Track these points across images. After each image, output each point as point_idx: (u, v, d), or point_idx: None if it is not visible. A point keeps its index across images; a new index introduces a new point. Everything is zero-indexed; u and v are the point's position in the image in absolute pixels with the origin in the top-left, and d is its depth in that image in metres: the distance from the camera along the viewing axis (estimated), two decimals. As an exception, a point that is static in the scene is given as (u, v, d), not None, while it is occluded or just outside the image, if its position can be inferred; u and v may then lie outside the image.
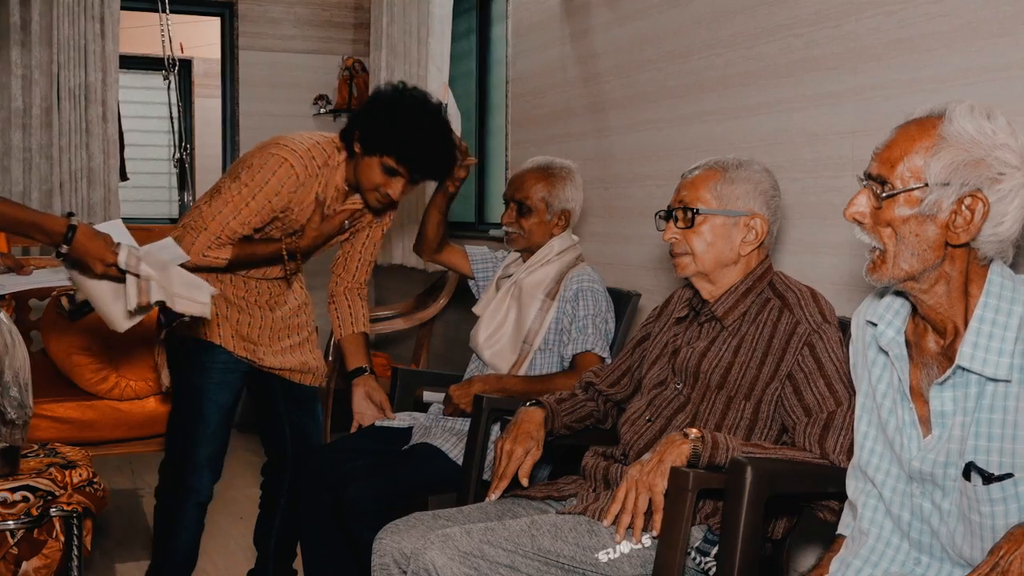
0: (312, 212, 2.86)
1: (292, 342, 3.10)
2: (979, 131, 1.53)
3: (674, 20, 3.21)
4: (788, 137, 2.71)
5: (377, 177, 2.76)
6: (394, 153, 2.72)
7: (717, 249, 2.21)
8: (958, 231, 1.54)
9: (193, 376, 2.94)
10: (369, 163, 2.75)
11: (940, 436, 1.58)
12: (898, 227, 1.57)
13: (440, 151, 2.79)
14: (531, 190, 3.00)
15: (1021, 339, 1.51)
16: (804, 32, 2.65)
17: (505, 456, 2.29)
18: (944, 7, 2.23)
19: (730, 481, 1.85)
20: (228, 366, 2.96)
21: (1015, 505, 1.49)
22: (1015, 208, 1.53)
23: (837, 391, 2.01)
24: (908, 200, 1.56)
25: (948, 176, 1.53)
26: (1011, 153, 1.52)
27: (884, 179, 1.58)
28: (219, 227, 2.76)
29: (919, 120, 1.59)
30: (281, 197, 2.76)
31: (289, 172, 2.74)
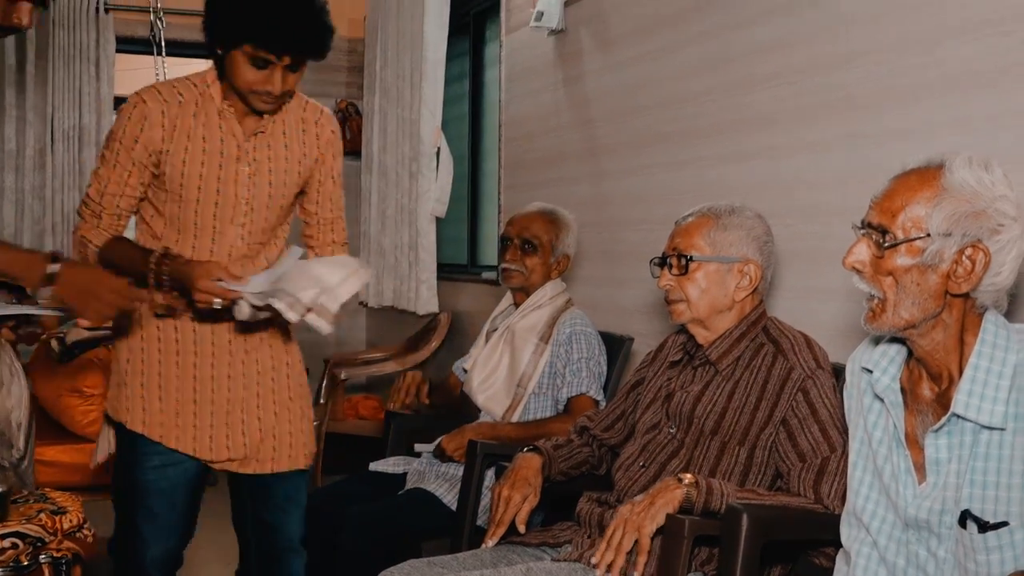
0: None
1: (257, 415, 2.44)
2: (979, 182, 1.55)
3: (667, 67, 3.24)
4: (780, 183, 2.74)
5: (249, 74, 2.23)
6: (252, 37, 2.19)
7: (712, 295, 2.22)
8: (959, 281, 1.55)
9: (126, 474, 2.39)
10: (234, 62, 2.23)
11: (935, 483, 1.58)
12: (900, 276, 1.59)
13: (303, 14, 2.22)
14: (539, 230, 3.04)
15: (1015, 387, 1.52)
16: (796, 80, 2.68)
17: (503, 502, 2.29)
18: (932, 58, 2.26)
19: (726, 528, 1.85)
20: (167, 459, 2.36)
21: (1011, 553, 1.49)
22: (1012, 259, 1.55)
23: (831, 437, 2.02)
24: (910, 250, 1.58)
25: (950, 227, 1.54)
26: (1009, 204, 1.55)
27: (885, 229, 1.59)
28: (87, 195, 2.35)
29: (918, 170, 1.61)
30: (135, 136, 2.28)
31: (139, 105, 2.29)
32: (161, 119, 2.29)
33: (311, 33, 2.24)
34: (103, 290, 2.04)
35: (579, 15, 3.77)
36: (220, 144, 2.33)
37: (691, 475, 1.99)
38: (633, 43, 3.44)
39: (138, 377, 2.37)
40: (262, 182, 2.38)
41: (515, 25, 4.32)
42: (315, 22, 2.24)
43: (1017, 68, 2.07)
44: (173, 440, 2.35)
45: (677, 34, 3.19)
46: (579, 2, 3.77)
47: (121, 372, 2.38)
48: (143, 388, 2.36)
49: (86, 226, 2.35)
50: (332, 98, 6.17)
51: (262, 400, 2.44)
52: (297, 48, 2.23)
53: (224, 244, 2.37)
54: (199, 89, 2.33)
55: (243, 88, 2.26)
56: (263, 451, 2.43)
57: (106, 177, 2.33)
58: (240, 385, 2.41)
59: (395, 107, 5.13)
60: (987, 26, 2.13)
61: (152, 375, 2.36)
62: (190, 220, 2.35)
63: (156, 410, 2.35)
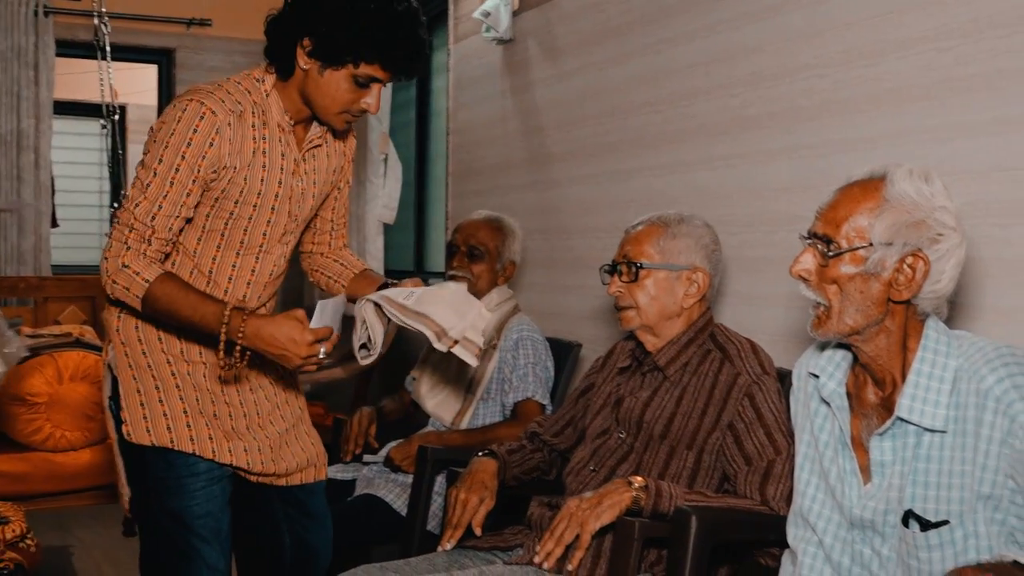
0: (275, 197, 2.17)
1: (284, 426, 2.33)
2: (919, 194, 1.61)
3: (614, 77, 3.29)
4: (725, 193, 2.79)
5: (347, 94, 2.09)
6: (376, 57, 2.05)
7: (661, 302, 2.26)
8: (900, 288, 1.61)
9: (170, 500, 2.15)
10: (332, 79, 2.07)
11: (880, 484, 1.64)
12: (843, 284, 1.64)
13: (419, 35, 2.09)
14: (485, 237, 3.07)
15: (956, 392, 1.58)
16: (740, 92, 2.74)
17: (460, 505, 2.30)
18: (874, 72, 2.33)
19: (675, 530, 1.89)
20: (212, 476, 2.18)
21: (951, 551, 1.54)
22: (951, 267, 1.61)
23: (776, 440, 2.07)
24: (853, 259, 1.63)
25: (891, 236, 1.60)
26: (948, 215, 1.61)
27: (830, 238, 1.64)
28: (133, 217, 2.04)
29: (862, 182, 1.66)
30: (203, 152, 2.04)
31: (207, 116, 2.04)
32: (229, 132, 2.06)
33: (424, 53, 2.14)
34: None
35: (527, 25, 3.81)
36: (281, 159, 2.16)
37: (641, 478, 2.03)
38: (580, 54, 3.49)
39: (174, 392, 2.15)
40: (308, 196, 2.26)
41: (463, 34, 4.35)
42: (425, 43, 2.13)
43: (953, 83, 2.14)
44: (226, 454, 2.17)
45: (623, 46, 3.25)
46: (527, 12, 3.81)
47: (149, 391, 2.15)
48: (183, 401, 2.15)
49: (130, 254, 2.03)
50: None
51: (284, 411, 2.35)
52: (415, 69, 2.14)
53: (268, 263, 2.24)
54: (253, 97, 2.13)
55: (333, 106, 2.11)
56: (304, 462, 2.35)
57: (159, 195, 2.04)
58: (262, 397, 2.30)
59: (341, 114, 5.12)
60: (924, 42, 2.20)
61: (188, 388, 2.17)
62: (237, 238, 2.17)
63: (202, 425, 2.15)
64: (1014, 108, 2.02)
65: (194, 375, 2.18)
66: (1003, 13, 2.04)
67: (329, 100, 2.10)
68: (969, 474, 1.54)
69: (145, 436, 2.13)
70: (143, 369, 2.16)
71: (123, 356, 2.17)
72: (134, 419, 2.14)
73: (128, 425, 2.14)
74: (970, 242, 2.05)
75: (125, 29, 5.76)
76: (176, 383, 2.16)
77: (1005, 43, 2.04)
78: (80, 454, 4.05)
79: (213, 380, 2.20)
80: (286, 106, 2.16)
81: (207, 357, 2.20)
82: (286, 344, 1.96)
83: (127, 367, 2.16)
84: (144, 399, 2.15)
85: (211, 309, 2.00)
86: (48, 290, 5.01)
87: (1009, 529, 1.54)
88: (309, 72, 2.09)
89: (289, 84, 2.14)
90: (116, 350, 2.18)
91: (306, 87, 2.12)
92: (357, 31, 2.02)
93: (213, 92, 2.07)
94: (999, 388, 1.53)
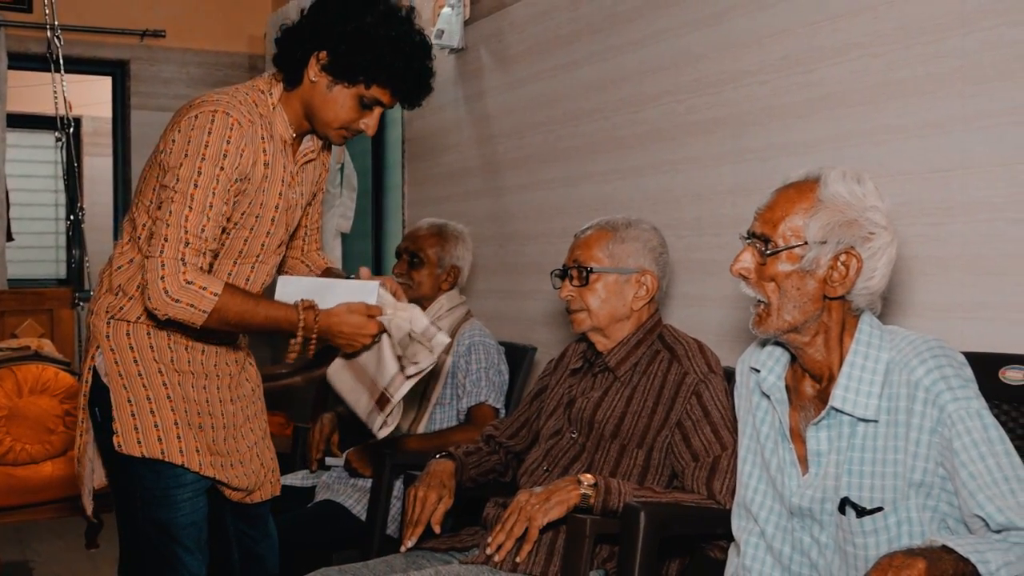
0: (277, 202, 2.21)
1: (253, 440, 2.35)
2: (851, 194, 1.68)
3: (564, 85, 3.35)
4: (673, 196, 2.86)
5: (350, 112, 2.13)
6: (388, 82, 2.10)
7: (611, 305, 2.32)
8: (835, 285, 1.68)
9: (157, 511, 2.15)
10: (339, 95, 2.11)
11: (817, 474, 1.70)
12: (781, 281, 1.70)
13: (428, 63, 2.17)
14: (425, 244, 3.12)
15: (888, 383, 1.65)
16: (685, 98, 2.81)
17: (419, 503, 2.32)
18: (812, 78, 2.40)
19: (624, 525, 1.94)
20: (197, 487, 2.19)
21: (885, 536, 1.61)
22: (883, 264, 1.68)
23: (723, 436, 2.13)
24: (790, 257, 1.69)
25: (825, 235, 1.67)
26: (879, 214, 1.67)
27: (768, 238, 1.71)
28: (184, 231, 2.01)
29: (797, 184, 1.73)
30: (236, 163, 2.05)
31: (236, 128, 2.05)
32: (252, 144, 2.09)
33: (430, 86, 2.20)
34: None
35: (479, 34, 3.86)
36: (283, 171, 2.19)
37: (591, 476, 2.08)
38: (530, 62, 3.54)
39: (166, 404, 2.15)
40: (298, 207, 2.31)
41: (416, 43, 4.39)
42: (433, 76, 2.20)
43: (885, 87, 2.22)
44: (210, 468, 2.18)
45: (571, 54, 3.31)
46: (479, 22, 3.86)
47: (141, 402, 2.14)
48: (174, 413, 2.15)
49: (190, 270, 2.00)
50: (232, 115, 6.13)
51: (254, 424, 2.37)
52: (421, 95, 2.20)
53: (263, 272, 2.28)
54: (260, 109, 2.14)
55: (332, 122, 2.15)
56: (262, 478, 2.36)
57: (205, 207, 2.02)
58: (239, 409, 2.33)
59: (297, 124, 5.14)
60: (857, 48, 2.28)
61: (178, 399, 2.17)
62: (236, 248, 2.19)
63: (190, 437, 2.16)
64: (943, 111, 2.10)
65: (183, 385, 2.19)
66: (931, 19, 2.12)
67: (332, 115, 2.14)
68: (901, 462, 1.61)
69: (136, 447, 2.11)
70: (134, 378, 2.15)
71: (113, 364, 2.15)
72: (125, 430, 2.13)
73: (119, 436, 2.13)
74: (904, 241, 2.14)
75: (79, 41, 5.74)
76: (167, 394, 2.16)
77: (933, 48, 2.12)
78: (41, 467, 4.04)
79: (200, 391, 2.22)
80: (289, 118, 2.18)
81: (195, 367, 2.22)
82: (356, 330, 2.17)
83: (117, 375, 2.15)
84: (135, 409, 2.13)
85: (282, 313, 2.12)
86: (5, 303, 4.99)
87: (941, 515, 1.61)
88: (317, 85, 2.12)
89: (293, 95, 2.17)
90: (106, 357, 2.16)
91: (311, 99, 2.14)
92: (375, 54, 2.06)
93: (233, 103, 2.08)
94: (928, 379, 1.60)
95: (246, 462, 2.30)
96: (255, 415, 2.38)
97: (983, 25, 2.03)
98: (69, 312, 5.12)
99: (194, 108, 2.07)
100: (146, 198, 2.15)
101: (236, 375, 2.33)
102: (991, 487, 1.52)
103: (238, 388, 2.34)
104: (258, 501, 2.36)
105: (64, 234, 7.13)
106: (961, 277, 2.08)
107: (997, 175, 2.01)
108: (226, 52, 6.16)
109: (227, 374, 2.30)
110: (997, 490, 1.51)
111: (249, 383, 2.39)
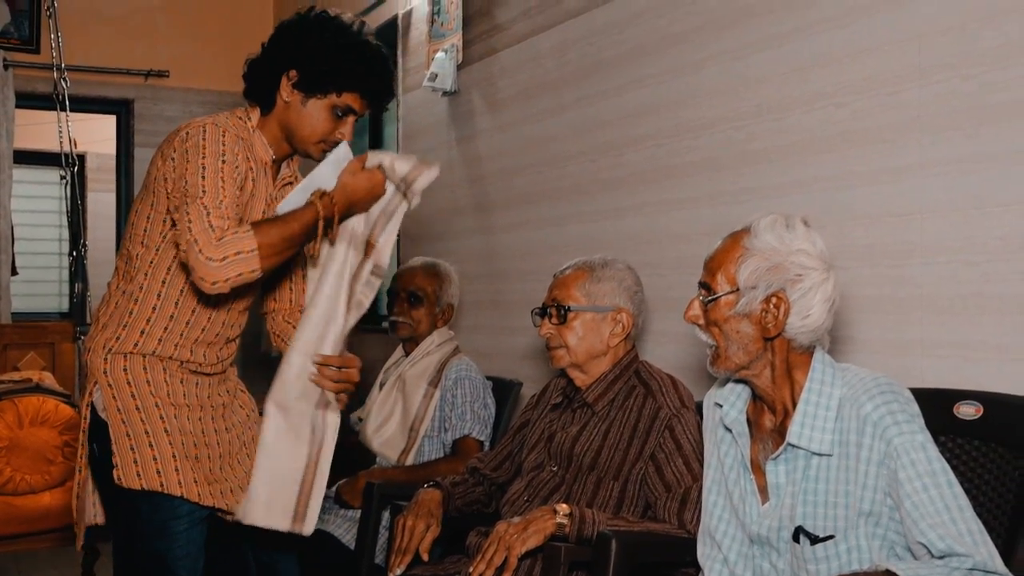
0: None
1: (248, 467, 2.35)
2: (779, 240, 1.79)
3: (551, 128, 3.47)
4: (655, 237, 2.97)
5: (326, 124, 2.23)
6: (355, 86, 2.23)
7: (588, 342, 2.41)
8: (768, 326, 1.78)
9: (155, 543, 2.20)
10: (313, 109, 2.22)
11: (775, 504, 1.80)
12: (723, 326, 1.82)
13: (392, 73, 2.33)
14: (423, 283, 3.22)
15: (840, 418, 1.75)
16: (665, 142, 2.92)
17: (407, 532, 2.40)
18: (783, 125, 2.52)
19: (596, 552, 2.03)
20: (193, 518, 2.22)
21: (836, 563, 1.70)
22: (819, 302, 1.78)
23: (694, 468, 2.22)
24: (726, 303, 1.81)
25: (755, 281, 1.78)
26: (807, 257, 1.78)
27: (708, 285, 1.83)
28: (203, 207, 2.03)
29: (733, 234, 1.86)
30: (230, 157, 2.12)
31: (215, 130, 2.13)
32: (234, 138, 2.16)
33: (392, 86, 2.33)
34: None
35: (471, 78, 3.99)
36: (264, 191, 2.28)
37: (567, 506, 2.17)
38: (519, 106, 3.67)
39: (163, 437, 2.19)
40: None
41: (411, 85, 4.52)
42: (393, 76, 2.33)
43: (849, 135, 2.33)
44: (209, 496, 2.21)
45: (558, 98, 3.43)
46: (471, 66, 3.98)
47: (139, 436, 2.18)
48: (171, 446, 2.19)
49: (219, 229, 2.01)
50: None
51: (250, 449, 2.38)
52: (385, 98, 2.33)
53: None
54: (240, 133, 2.21)
55: (310, 136, 2.24)
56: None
57: (217, 188, 2.06)
58: (235, 437, 2.38)
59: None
60: (824, 98, 2.40)
61: (175, 432, 2.21)
62: None
63: (188, 469, 2.19)
64: (901, 159, 2.21)
65: (179, 418, 2.23)
66: (891, 72, 2.24)
67: (310, 130, 2.24)
68: (852, 493, 1.70)
69: (135, 480, 2.15)
70: (132, 412, 2.19)
71: (111, 399, 2.20)
72: (124, 463, 2.16)
73: (119, 469, 2.16)
74: (865, 280, 2.25)
75: (84, 80, 5.89)
76: (164, 427, 2.20)
77: (893, 99, 2.23)
78: (39, 497, 4.12)
79: (195, 422, 2.27)
80: (268, 141, 2.28)
81: (190, 400, 2.28)
82: (370, 186, 2.21)
83: (116, 411, 2.19)
84: (134, 443, 2.17)
85: (307, 214, 2.13)
86: (8, 337, 5.09)
87: (890, 543, 1.70)
88: (291, 104, 2.24)
89: (270, 118, 2.27)
90: (104, 393, 2.20)
91: (288, 118, 2.25)
92: (339, 63, 2.19)
93: (218, 120, 2.18)
94: (876, 414, 1.70)
95: (245, 487, 2.29)
96: (251, 440, 2.39)
97: (937, 78, 2.14)
98: (70, 346, 5.22)
99: (181, 131, 2.17)
100: (139, 229, 2.23)
101: (229, 404, 2.40)
102: (933, 516, 1.61)
103: (232, 416, 2.40)
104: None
105: (67, 268, 7.23)
106: (919, 316, 2.18)
107: (952, 220, 2.11)
108: (228, 91, 6.28)
109: (220, 404, 2.36)
110: (939, 519, 1.60)
111: (243, 410, 2.45)
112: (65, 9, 5.63)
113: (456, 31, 4.04)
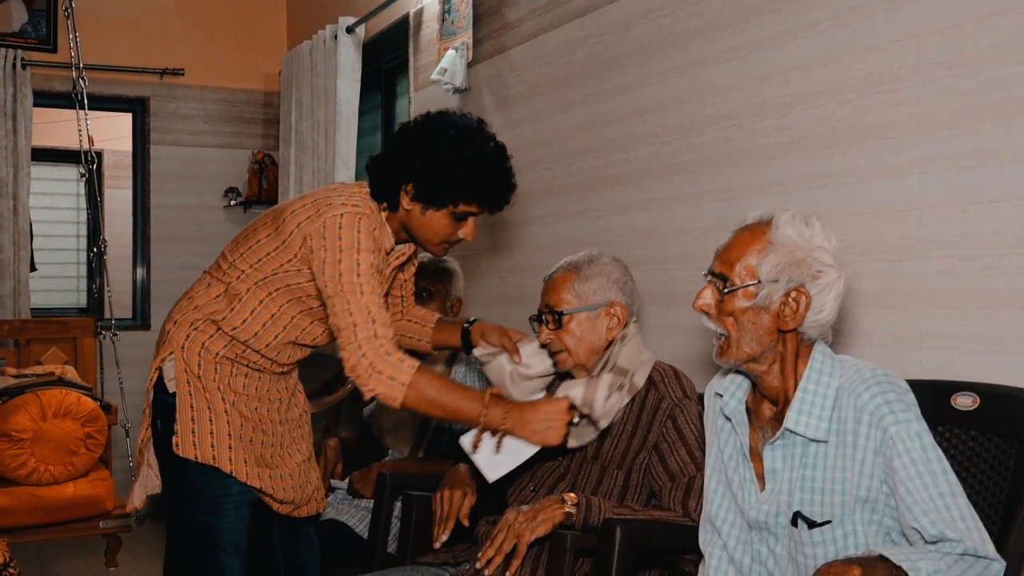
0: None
1: (300, 459, 2.58)
2: (800, 236, 1.83)
3: (559, 125, 3.52)
4: (660, 232, 3.02)
5: (446, 229, 2.37)
6: (473, 198, 2.34)
7: (588, 341, 2.45)
8: (787, 319, 1.83)
9: (204, 514, 2.39)
10: (433, 218, 2.35)
11: (772, 490, 1.85)
12: (739, 316, 1.86)
13: (510, 173, 2.42)
14: (433, 279, 3.27)
15: (837, 407, 1.80)
16: (671, 140, 2.97)
17: (446, 501, 2.44)
18: (785, 122, 2.57)
19: (602, 539, 2.09)
20: (242, 499, 2.42)
21: (833, 547, 1.76)
22: (831, 299, 1.83)
23: (696, 458, 2.28)
24: (745, 294, 1.85)
25: (777, 274, 1.82)
26: (826, 254, 1.83)
27: (725, 276, 1.87)
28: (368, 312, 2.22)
29: (751, 226, 1.89)
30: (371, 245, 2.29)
31: (368, 225, 2.30)
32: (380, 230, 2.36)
33: (513, 184, 2.43)
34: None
35: (481, 75, 4.05)
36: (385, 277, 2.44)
37: (574, 495, 2.23)
38: (528, 103, 3.72)
39: (223, 416, 2.39)
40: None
41: (423, 83, 4.58)
42: (512, 174, 2.43)
43: (851, 132, 2.38)
44: (256, 479, 2.41)
45: (566, 96, 3.48)
46: (481, 64, 4.04)
47: (201, 411, 2.38)
48: (229, 425, 2.39)
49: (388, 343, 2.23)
50: (249, 150, 6.34)
51: (300, 445, 2.60)
52: (506, 198, 2.44)
53: (318, 328, 2.50)
54: (375, 224, 2.36)
55: (432, 239, 2.39)
56: (309, 494, 2.60)
57: (372, 290, 2.24)
58: (288, 430, 2.56)
59: (310, 158, 5.32)
60: (826, 96, 2.44)
61: (234, 414, 2.40)
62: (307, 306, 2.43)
63: (240, 449, 2.39)
64: (901, 156, 2.26)
65: (238, 404, 2.42)
66: (890, 70, 2.28)
67: (431, 234, 2.38)
68: (849, 480, 1.76)
69: (191, 450, 2.35)
70: (198, 391, 2.39)
71: (183, 372, 2.40)
72: (183, 432, 2.37)
73: (178, 437, 2.37)
74: (865, 275, 2.30)
75: (100, 79, 5.96)
76: (225, 408, 2.39)
77: (892, 97, 2.28)
78: (63, 487, 4.19)
79: (253, 411, 2.45)
80: (392, 230, 2.42)
81: (250, 391, 2.46)
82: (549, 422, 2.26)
83: (185, 382, 2.39)
84: (195, 415, 2.37)
85: (471, 406, 2.26)
86: (31, 332, 5.17)
87: (886, 529, 1.76)
88: (412, 211, 2.36)
89: (394, 217, 2.40)
90: (177, 365, 2.40)
91: (409, 223, 2.39)
92: (455, 178, 2.29)
93: (366, 212, 2.31)
94: (872, 404, 1.75)
95: (295, 476, 2.53)
96: (302, 437, 2.61)
97: (936, 76, 2.19)
98: (92, 340, 5.29)
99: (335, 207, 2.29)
100: (257, 254, 2.38)
101: (286, 400, 2.57)
102: (926, 502, 1.66)
103: (287, 411, 2.57)
104: (304, 516, 2.60)
105: (85, 264, 7.32)
106: (917, 309, 2.23)
107: (950, 215, 2.16)
108: (243, 89, 6.38)
109: (278, 399, 2.53)
110: (932, 505, 1.66)
111: (297, 408, 2.62)
112: (81, 8, 5.70)
113: (467, 29, 4.10)
